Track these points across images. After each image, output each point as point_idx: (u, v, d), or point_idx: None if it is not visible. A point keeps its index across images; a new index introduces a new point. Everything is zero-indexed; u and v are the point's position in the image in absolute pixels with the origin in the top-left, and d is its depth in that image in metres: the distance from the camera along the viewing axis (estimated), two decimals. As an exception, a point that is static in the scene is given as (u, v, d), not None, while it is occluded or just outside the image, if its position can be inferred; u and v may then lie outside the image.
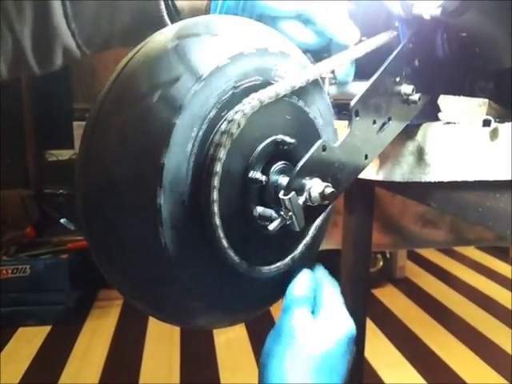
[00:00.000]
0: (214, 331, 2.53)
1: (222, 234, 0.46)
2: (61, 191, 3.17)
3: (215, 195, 0.44)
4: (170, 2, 0.59)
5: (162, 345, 2.48)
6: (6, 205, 3.02)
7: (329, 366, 0.49)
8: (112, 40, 0.60)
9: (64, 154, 3.25)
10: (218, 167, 0.44)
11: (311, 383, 0.47)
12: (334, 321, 0.52)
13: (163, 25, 0.57)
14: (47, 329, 2.62)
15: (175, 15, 0.59)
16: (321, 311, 0.53)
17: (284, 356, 0.48)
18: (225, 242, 0.47)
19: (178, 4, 0.60)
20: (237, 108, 0.45)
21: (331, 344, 0.50)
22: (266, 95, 0.46)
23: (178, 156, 0.43)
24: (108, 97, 0.45)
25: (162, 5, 0.58)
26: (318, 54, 0.61)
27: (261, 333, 0.56)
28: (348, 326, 0.52)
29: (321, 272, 0.58)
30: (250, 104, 0.45)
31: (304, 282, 0.55)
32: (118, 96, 0.44)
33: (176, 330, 2.57)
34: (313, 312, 0.53)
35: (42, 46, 0.58)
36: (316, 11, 0.59)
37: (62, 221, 2.99)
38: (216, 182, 0.44)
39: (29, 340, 2.51)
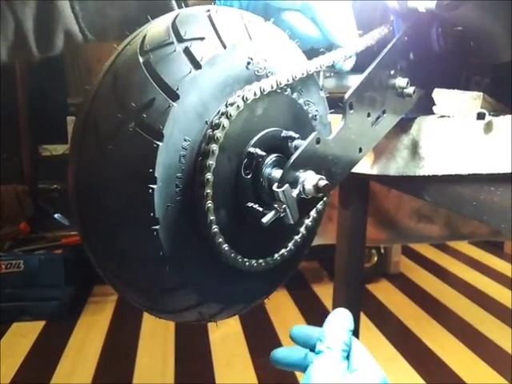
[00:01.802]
0: (209, 327, 2.53)
1: (215, 227, 0.46)
2: (55, 186, 3.16)
3: (210, 176, 0.44)
4: None
5: (156, 340, 2.48)
6: (1, 200, 3.01)
7: None
8: (114, 26, 0.59)
9: (58, 149, 3.24)
10: (215, 147, 0.44)
11: None
12: (368, 374, 0.49)
13: (170, 9, 0.56)
14: (42, 324, 2.62)
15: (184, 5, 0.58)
16: (354, 363, 0.50)
17: None
18: (218, 234, 0.46)
19: None
20: (238, 93, 0.45)
21: None
22: (267, 84, 0.46)
23: (171, 151, 0.43)
24: (88, 118, 0.44)
25: None
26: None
27: (255, 328, 0.56)
28: (381, 377, 0.49)
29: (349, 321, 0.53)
30: (250, 91, 0.45)
31: (339, 329, 0.51)
32: (96, 120, 0.43)
33: (171, 326, 2.57)
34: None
35: (44, 28, 0.57)
36: (319, 7, 0.58)
37: (57, 216, 2.98)
38: (212, 161, 0.44)
39: (23, 335, 2.51)
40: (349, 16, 0.59)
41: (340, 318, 0.52)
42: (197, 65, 0.43)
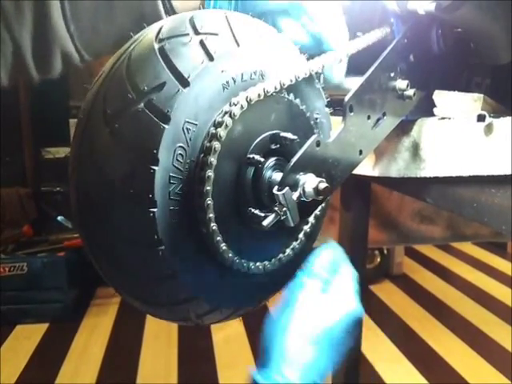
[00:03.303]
0: (212, 328, 2.53)
1: (215, 228, 0.46)
2: (58, 189, 3.16)
3: (209, 186, 0.44)
4: (166, 1, 0.58)
5: (159, 342, 2.48)
6: (4, 203, 3.01)
7: (329, 339, 0.50)
8: (109, 43, 0.60)
9: (61, 152, 3.24)
10: (213, 158, 0.44)
11: (309, 353, 0.49)
12: (341, 299, 0.53)
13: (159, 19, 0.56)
14: (45, 326, 2.62)
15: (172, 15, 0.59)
16: (331, 289, 0.53)
17: (288, 323, 0.50)
18: (217, 235, 0.46)
19: (174, 4, 0.59)
20: (225, 108, 0.45)
21: (334, 319, 0.51)
22: (254, 93, 0.46)
23: (170, 151, 0.43)
24: (98, 96, 0.44)
25: (160, 5, 0.58)
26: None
27: (258, 329, 0.56)
28: (353, 306, 0.53)
29: (341, 256, 0.59)
30: (238, 104, 0.45)
31: (324, 261, 0.55)
32: (106, 98, 0.44)
33: (174, 328, 2.57)
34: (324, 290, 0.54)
35: (41, 49, 0.57)
36: (307, 6, 0.57)
37: (59, 218, 2.98)
38: (210, 173, 0.44)
39: (27, 338, 2.51)
40: (339, 17, 0.59)
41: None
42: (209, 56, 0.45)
